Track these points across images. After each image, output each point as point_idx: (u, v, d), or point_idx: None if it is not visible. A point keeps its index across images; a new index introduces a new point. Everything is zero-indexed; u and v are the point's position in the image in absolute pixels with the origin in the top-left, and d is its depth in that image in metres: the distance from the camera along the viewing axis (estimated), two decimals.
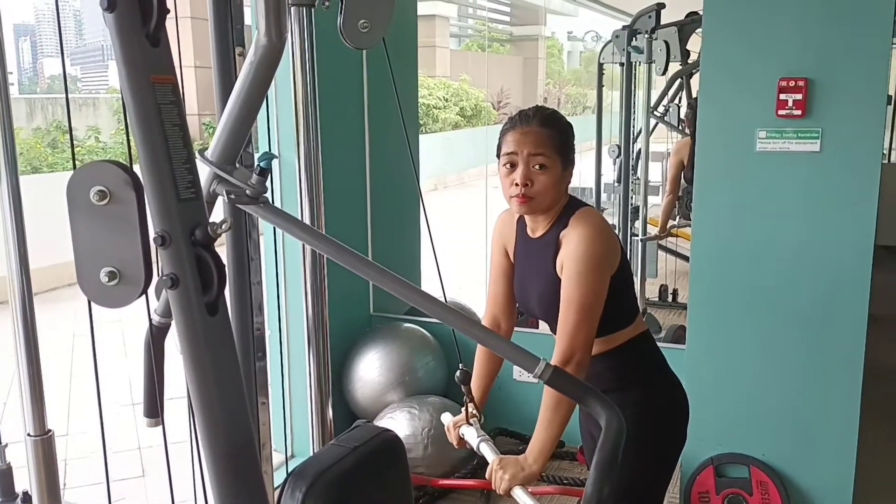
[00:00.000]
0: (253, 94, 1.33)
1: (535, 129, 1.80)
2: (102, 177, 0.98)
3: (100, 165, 0.99)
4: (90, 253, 1.00)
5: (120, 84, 1.02)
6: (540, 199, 1.79)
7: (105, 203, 0.98)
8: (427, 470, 3.12)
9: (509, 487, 1.65)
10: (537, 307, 1.91)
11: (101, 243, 1.00)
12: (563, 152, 1.81)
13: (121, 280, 1.00)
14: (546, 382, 1.33)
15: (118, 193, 0.98)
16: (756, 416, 2.78)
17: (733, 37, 2.64)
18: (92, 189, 0.98)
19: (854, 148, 2.53)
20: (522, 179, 1.77)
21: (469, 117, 17.61)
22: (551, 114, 1.86)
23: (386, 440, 1.16)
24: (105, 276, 1.00)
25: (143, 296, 1.02)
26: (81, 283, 1.03)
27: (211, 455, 0.98)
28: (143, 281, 1.00)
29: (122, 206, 0.98)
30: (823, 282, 2.61)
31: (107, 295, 1.01)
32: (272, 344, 3.29)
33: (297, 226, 1.41)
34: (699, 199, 2.77)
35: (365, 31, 1.70)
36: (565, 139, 1.83)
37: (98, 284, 1.00)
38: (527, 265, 1.93)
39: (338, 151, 3.33)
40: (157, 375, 1.43)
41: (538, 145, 1.78)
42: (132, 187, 0.97)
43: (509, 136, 1.82)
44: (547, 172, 1.78)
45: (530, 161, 1.78)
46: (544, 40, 24.08)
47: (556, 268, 1.80)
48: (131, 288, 1.00)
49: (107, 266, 1.00)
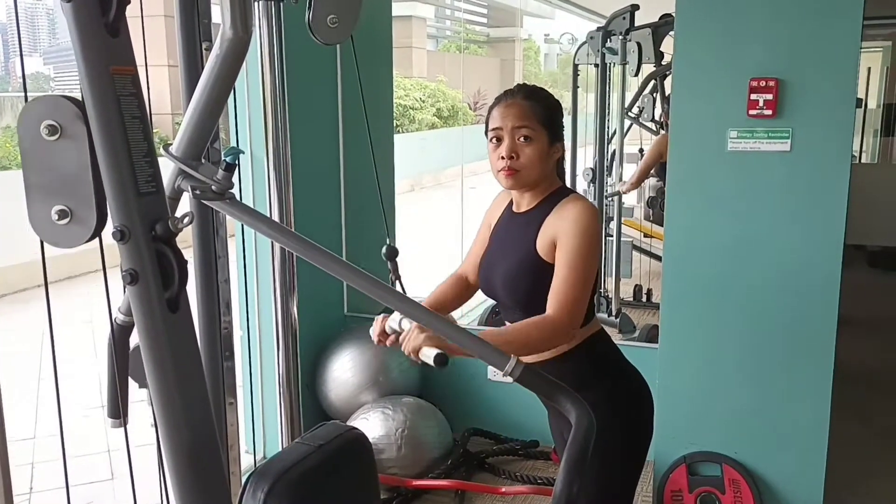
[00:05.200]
0: (218, 87, 1.30)
1: (518, 101, 1.81)
2: (53, 111, 0.95)
3: (50, 99, 0.96)
4: (41, 190, 0.97)
5: (79, 75, 1.00)
6: (526, 172, 1.79)
7: (56, 138, 0.95)
8: (401, 471, 3.11)
9: (419, 346, 1.55)
10: (501, 284, 1.88)
11: (51, 180, 0.96)
12: (548, 125, 1.81)
13: (72, 219, 0.97)
14: (517, 380, 1.32)
15: (69, 128, 0.95)
16: (728, 415, 2.79)
17: (705, 37, 2.65)
18: (42, 123, 0.95)
19: (824, 148, 2.55)
20: (507, 152, 1.78)
21: (446, 118, 17.61)
22: (535, 88, 1.87)
23: (352, 438, 1.14)
24: (56, 214, 0.97)
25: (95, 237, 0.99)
26: (32, 222, 0.99)
27: (171, 453, 0.96)
28: (95, 221, 0.97)
29: (73, 142, 0.94)
30: (794, 281, 2.63)
31: (58, 234, 0.98)
32: (244, 345, 3.26)
33: (265, 222, 1.38)
34: (671, 199, 2.78)
35: (334, 26, 1.68)
36: (551, 113, 1.83)
37: (49, 223, 0.97)
38: (503, 239, 1.92)
39: (310, 149, 3.30)
40: (120, 375, 1.40)
41: (521, 118, 1.78)
42: (83, 122, 0.94)
43: (494, 111, 1.83)
44: (532, 145, 1.78)
45: (515, 134, 1.78)
46: (521, 42, 24.18)
47: (536, 242, 1.79)
48: (82, 228, 0.97)
49: (58, 204, 0.97)
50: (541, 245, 1.79)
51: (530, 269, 1.79)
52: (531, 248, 1.80)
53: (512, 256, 1.85)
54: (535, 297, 1.76)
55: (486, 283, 1.96)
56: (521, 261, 1.82)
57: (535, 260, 1.79)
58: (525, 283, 1.81)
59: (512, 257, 1.85)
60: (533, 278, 1.79)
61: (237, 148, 1.34)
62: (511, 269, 1.84)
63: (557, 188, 1.87)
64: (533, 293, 1.78)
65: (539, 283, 1.76)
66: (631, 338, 4.65)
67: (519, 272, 1.82)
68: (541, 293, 1.75)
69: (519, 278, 1.81)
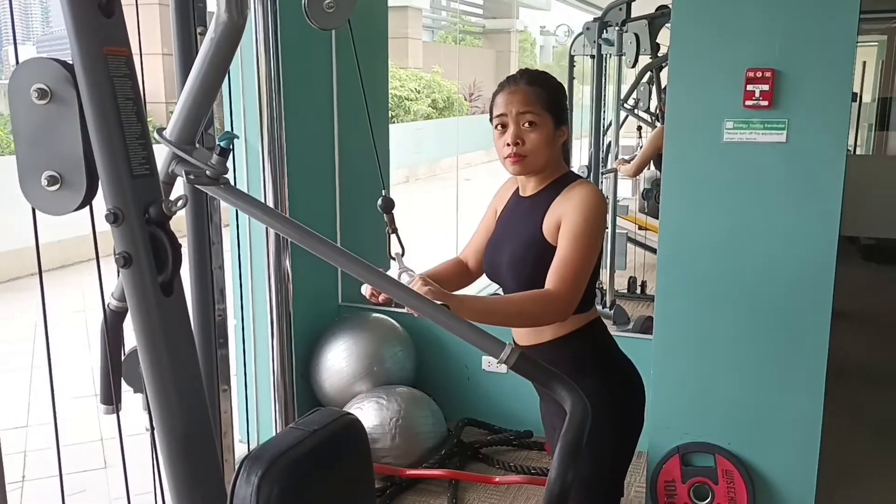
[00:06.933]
0: (213, 72, 1.29)
1: (522, 87, 1.81)
2: (42, 74, 0.93)
3: (40, 61, 0.94)
4: (31, 156, 0.95)
5: (72, 56, 0.98)
6: (532, 157, 1.79)
7: (45, 102, 0.93)
8: (395, 460, 3.11)
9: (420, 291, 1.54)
10: (506, 266, 1.87)
11: (42, 145, 0.95)
12: (553, 110, 1.81)
13: (62, 185, 0.96)
14: (512, 368, 1.31)
15: (59, 92, 0.93)
16: (722, 406, 2.80)
17: (701, 27, 2.64)
18: (32, 87, 0.93)
19: (820, 139, 2.54)
20: (513, 139, 1.78)
21: (441, 109, 17.58)
22: (539, 73, 1.87)
23: (346, 424, 1.13)
24: (46, 180, 0.96)
25: (86, 205, 0.98)
26: (23, 188, 0.98)
27: (164, 438, 0.96)
28: (86, 187, 0.96)
29: (62, 106, 0.93)
30: (789, 272, 2.63)
31: (48, 201, 0.96)
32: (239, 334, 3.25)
33: (259, 208, 1.38)
34: (666, 190, 2.77)
35: (330, 11, 1.67)
36: (555, 97, 1.83)
37: (40, 189, 0.96)
38: (509, 222, 1.92)
39: (305, 136, 3.29)
40: (113, 361, 1.39)
41: (526, 103, 1.78)
42: (73, 85, 0.93)
43: (498, 98, 1.83)
44: (537, 130, 1.78)
45: (519, 119, 1.78)
46: (517, 34, 24.13)
47: (542, 225, 1.79)
48: (73, 194, 0.96)
49: (48, 170, 0.95)
50: (547, 227, 1.79)
51: (536, 252, 1.79)
52: (537, 231, 1.80)
53: (518, 238, 1.85)
54: (540, 279, 1.76)
55: (491, 267, 1.95)
56: (527, 243, 1.82)
57: (540, 242, 1.79)
58: (529, 266, 1.81)
59: (518, 239, 1.85)
60: (538, 261, 1.79)
61: (232, 133, 1.33)
62: (516, 252, 1.84)
63: (564, 173, 1.87)
64: (537, 275, 1.77)
65: (543, 266, 1.76)
66: (625, 329, 4.67)
67: (524, 254, 1.82)
68: (545, 276, 1.75)
69: (524, 260, 1.81)
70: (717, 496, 2.79)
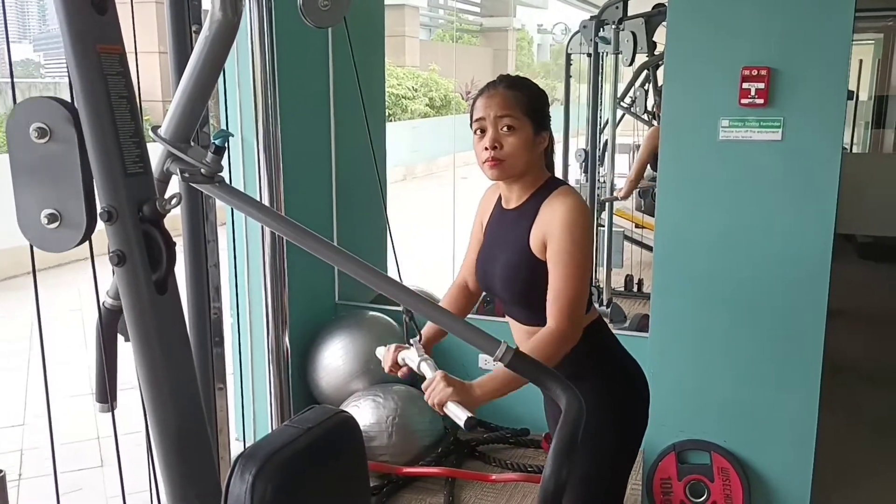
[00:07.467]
0: (207, 70, 1.29)
1: (501, 91, 1.79)
2: (42, 113, 0.93)
3: (40, 101, 0.94)
4: (30, 193, 0.95)
5: (65, 54, 0.98)
6: (510, 161, 1.76)
7: (45, 141, 0.93)
8: (391, 458, 3.11)
9: (445, 400, 1.58)
10: (499, 281, 1.87)
11: (41, 184, 0.95)
12: (532, 115, 1.78)
13: (62, 223, 0.95)
14: (507, 366, 1.32)
15: (59, 131, 0.93)
16: (718, 404, 2.80)
17: (697, 25, 2.64)
18: (31, 126, 0.93)
19: (815, 137, 2.55)
20: (491, 143, 1.75)
21: (438, 108, 17.55)
22: (518, 78, 1.85)
23: (341, 421, 1.13)
24: (45, 218, 0.96)
25: (85, 241, 0.97)
26: (22, 226, 0.98)
27: (159, 436, 0.95)
28: (86, 224, 0.95)
29: (62, 145, 0.93)
30: (785, 270, 2.63)
31: (48, 238, 0.96)
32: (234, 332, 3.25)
33: (255, 206, 1.37)
34: (662, 189, 2.78)
35: (325, 9, 1.66)
36: (536, 103, 1.80)
37: (39, 227, 0.95)
38: (497, 236, 1.90)
39: (301, 134, 3.29)
40: (108, 360, 1.39)
41: (504, 107, 1.76)
42: (73, 125, 0.93)
43: (478, 102, 1.81)
44: (516, 134, 1.76)
45: (498, 123, 1.76)
46: (514, 32, 24.09)
47: (529, 240, 1.78)
48: (73, 231, 0.96)
49: (47, 208, 0.95)
50: (534, 243, 1.78)
51: (527, 267, 1.78)
52: (525, 247, 1.79)
53: (507, 254, 1.84)
54: (533, 291, 1.77)
55: (485, 279, 1.95)
56: (517, 258, 1.81)
57: (529, 258, 1.78)
58: (521, 281, 1.81)
59: (507, 255, 1.84)
60: (529, 275, 1.78)
61: (227, 131, 1.32)
62: (507, 267, 1.83)
63: (546, 181, 1.84)
64: (531, 288, 1.78)
65: (536, 279, 1.76)
66: (622, 327, 4.67)
67: (515, 270, 1.81)
68: (538, 287, 1.75)
69: (516, 275, 1.80)
70: (713, 494, 2.80)
